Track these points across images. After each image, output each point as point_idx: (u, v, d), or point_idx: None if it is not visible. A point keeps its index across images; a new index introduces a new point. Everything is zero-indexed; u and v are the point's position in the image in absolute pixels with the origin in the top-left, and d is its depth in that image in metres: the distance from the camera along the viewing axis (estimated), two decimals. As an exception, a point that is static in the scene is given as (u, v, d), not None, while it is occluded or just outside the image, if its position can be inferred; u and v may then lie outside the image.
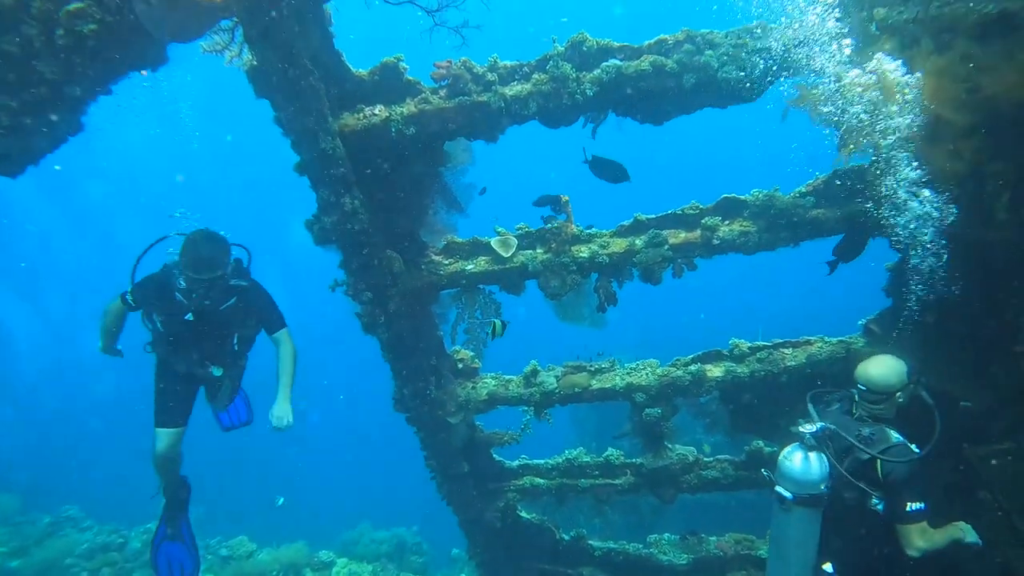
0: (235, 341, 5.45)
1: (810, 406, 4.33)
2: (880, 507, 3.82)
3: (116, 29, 3.64)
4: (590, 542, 7.38)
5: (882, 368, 4.14)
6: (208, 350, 5.28)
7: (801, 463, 3.99)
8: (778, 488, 4.06)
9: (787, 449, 4.14)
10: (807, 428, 4.07)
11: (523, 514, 7.39)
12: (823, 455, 3.99)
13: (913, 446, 3.89)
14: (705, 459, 6.74)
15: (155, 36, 3.65)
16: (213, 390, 5.59)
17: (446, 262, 6.24)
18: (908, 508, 3.71)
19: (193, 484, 5.92)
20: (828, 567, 4.02)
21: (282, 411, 4.99)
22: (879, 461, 3.83)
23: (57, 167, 4.93)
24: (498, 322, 6.07)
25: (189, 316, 4.93)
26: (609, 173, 5.94)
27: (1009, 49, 3.95)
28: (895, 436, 3.95)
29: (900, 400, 4.13)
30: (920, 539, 3.70)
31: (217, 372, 5.36)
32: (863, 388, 4.12)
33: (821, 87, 5.05)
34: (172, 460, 5.44)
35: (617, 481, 6.96)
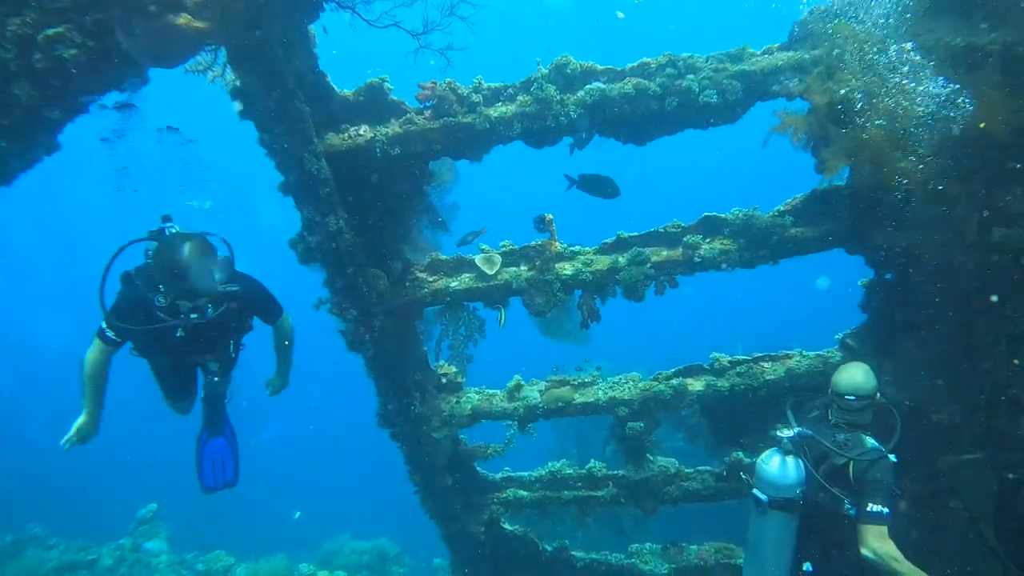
0: (230, 350, 4.98)
1: (789, 412, 4.46)
2: (853, 512, 3.93)
3: (97, 53, 3.60)
4: (573, 553, 7.45)
5: (864, 374, 4.28)
6: (202, 353, 4.82)
7: (778, 467, 4.10)
8: (755, 491, 4.18)
9: (765, 453, 4.26)
10: (785, 433, 4.20)
11: (506, 526, 7.43)
12: (800, 460, 4.11)
13: (891, 455, 4.01)
14: (686, 471, 6.84)
15: (138, 62, 3.62)
16: (209, 375, 5.21)
17: (430, 279, 6.26)
18: (868, 508, 3.82)
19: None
20: (807, 566, 4.12)
21: (282, 380, 5.45)
22: (851, 465, 3.96)
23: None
24: (503, 311, 6.19)
25: (178, 333, 4.35)
26: (600, 189, 6.02)
27: (976, 84, 4.11)
28: (870, 442, 4.10)
29: (879, 400, 4.29)
30: (875, 540, 3.77)
31: (214, 366, 4.99)
32: (852, 397, 4.19)
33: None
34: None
35: (599, 493, 7.04)
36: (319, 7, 4.82)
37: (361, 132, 5.36)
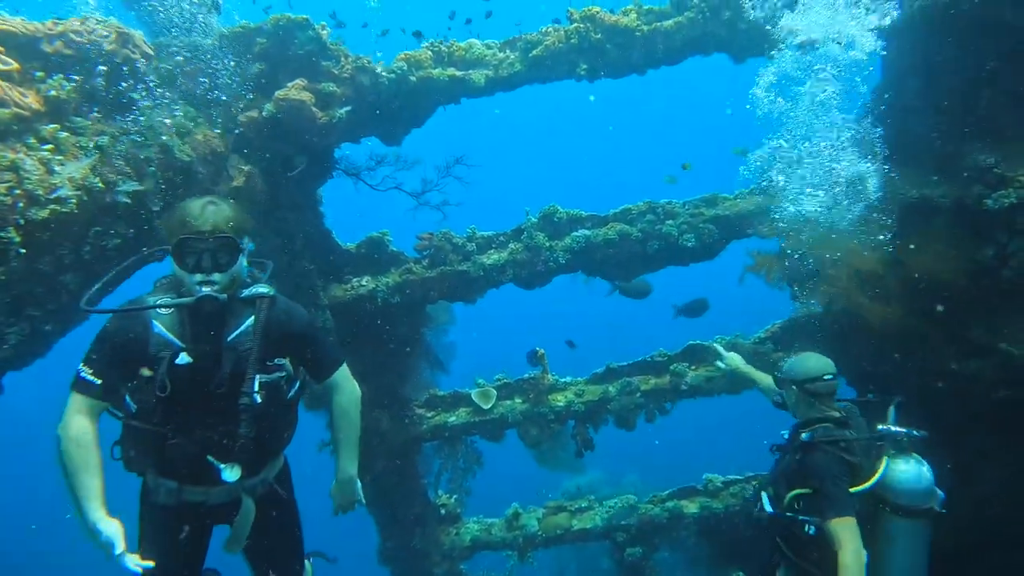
0: (255, 389, 2.77)
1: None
2: None
3: (135, 239, 3.92)
4: None
5: None
6: (211, 426, 2.80)
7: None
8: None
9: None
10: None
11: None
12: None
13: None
14: (689, 595, 6.82)
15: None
16: (231, 521, 3.03)
17: (429, 415, 6.42)
18: None
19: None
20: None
21: (346, 488, 3.36)
22: None
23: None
24: None
25: (184, 359, 2.72)
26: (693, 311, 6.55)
27: (927, 236, 4.51)
28: None
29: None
30: None
31: (230, 476, 2.79)
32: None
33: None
34: None
35: (602, 622, 6.96)
36: (327, 175, 5.24)
37: (363, 283, 5.67)
